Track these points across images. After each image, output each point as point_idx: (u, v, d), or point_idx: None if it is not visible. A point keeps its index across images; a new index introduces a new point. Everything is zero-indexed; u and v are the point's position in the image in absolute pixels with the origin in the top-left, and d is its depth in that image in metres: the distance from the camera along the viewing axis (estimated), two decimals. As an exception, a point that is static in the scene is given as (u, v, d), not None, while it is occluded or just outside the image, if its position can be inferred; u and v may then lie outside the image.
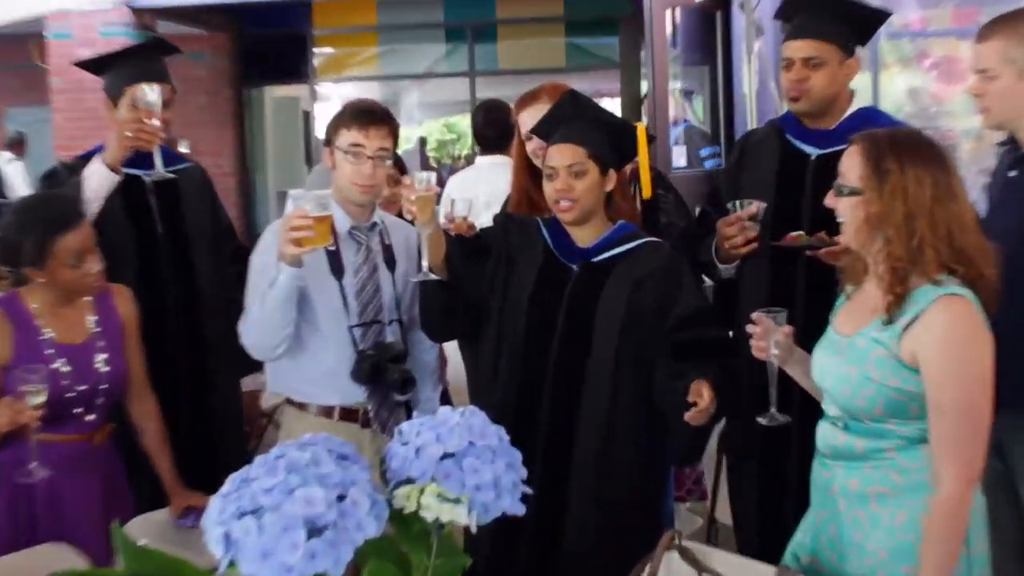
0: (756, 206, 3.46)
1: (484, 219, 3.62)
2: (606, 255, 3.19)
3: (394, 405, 3.44)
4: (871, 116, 3.53)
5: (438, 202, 3.17)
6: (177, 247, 4.01)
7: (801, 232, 3.39)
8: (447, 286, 3.18)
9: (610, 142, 3.21)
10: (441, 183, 4.65)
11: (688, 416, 2.85)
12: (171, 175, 3.85)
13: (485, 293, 3.22)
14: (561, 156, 3.16)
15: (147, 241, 3.95)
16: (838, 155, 3.26)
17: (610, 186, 3.21)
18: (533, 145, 3.67)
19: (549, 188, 3.18)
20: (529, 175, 3.74)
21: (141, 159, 3.79)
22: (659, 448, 3.16)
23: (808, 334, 2.81)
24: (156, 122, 3.68)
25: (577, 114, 3.24)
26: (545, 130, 3.30)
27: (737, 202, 3.49)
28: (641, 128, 3.30)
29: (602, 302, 3.13)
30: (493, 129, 5.45)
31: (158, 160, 3.73)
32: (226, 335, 3.52)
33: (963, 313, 2.44)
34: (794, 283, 3.48)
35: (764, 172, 3.62)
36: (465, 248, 3.23)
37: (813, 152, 3.54)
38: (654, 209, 3.64)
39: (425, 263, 3.09)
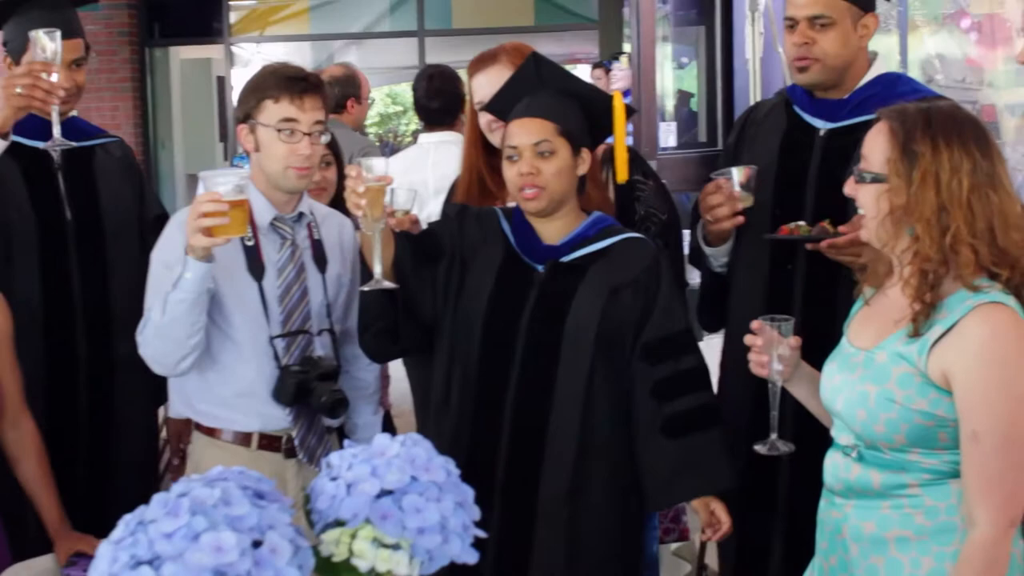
0: (746, 171, 3.41)
1: (432, 209, 3.63)
2: (578, 254, 3.20)
3: (324, 431, 3.44)
4: (892, 82, 3.50)
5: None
6: (88, 239, 3.98)
7: (800, 223, 3.37)
8: (394, 296, 3.18)
9: (583, 116, 3.23)
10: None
11: (704, 537, 2.98)
12: (74, 144, 3.75)
13: (438, 302, 3.23)
14: (525, 133, 3.16)
15: (52, 230, 3.92)
16: (851, 129, 3.31)
17: (583, 169, 3.22)
18: (488, 117, 3.67)
19: (511, 172, 3.17)
20: (483, 154, 3.73)
21: (48, 128, 3.76)
22: (636, 482, 3.19)
23: (806, 344, 2.83)
24: (55, 76, 3.60)
25: (542, 83, 3.24)
26: (502, 104, 3.30)
27: (732, 170, 3.44)
28: (618, 97, 3.30)
29: (573, 312, 3.14)
30: (439, 100, 5.46)
31: (56, 127, 3.66)
32: None
33: (1005, 325, 2.45)
34: (791, 283, 3.49)
35: (766, 150, 3.61)
36: (414, 248, 3.23)
37: (822, 126, 3.52)
38: (630, 198, 3.63)
39: (378, 268, 3.07)
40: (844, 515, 2.67)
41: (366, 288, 3.14)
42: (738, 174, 3.41)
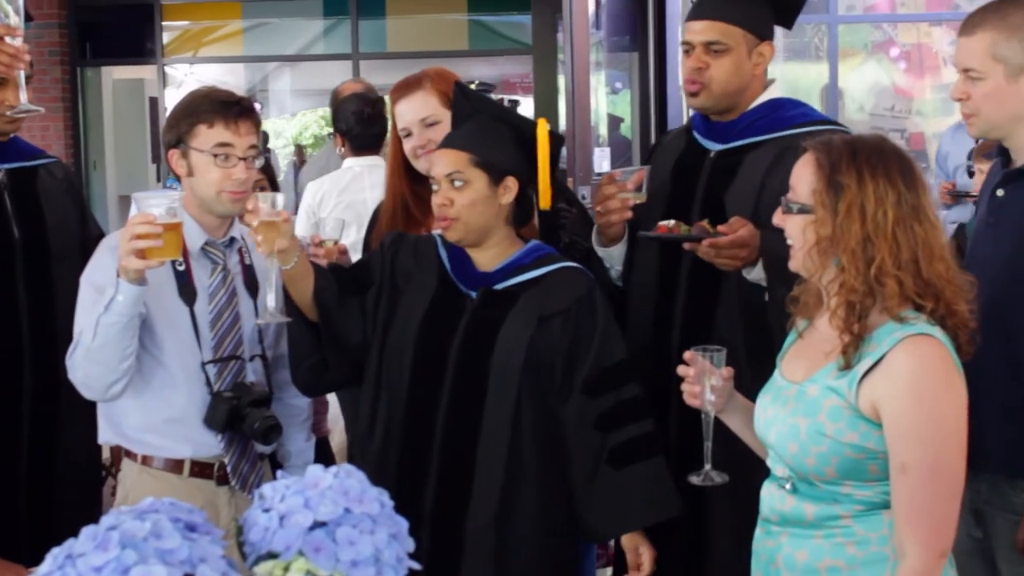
0: (639, 172, 3.46)
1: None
2: (511, 282, 3.21)
3: (256, 458, 3.42)
4: (780, 106, 3.57)
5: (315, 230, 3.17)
6: (34, 259, 3.93)
7: (677, 220, 3.36)
8: (317, 330, 3.19)
9: (514, 145, 3.24)
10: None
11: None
12: (38, 109, 3.61)
13: (368, 332, 3.23)
14: (441, 164, 3.19)
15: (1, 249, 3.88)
16: (738, 150, 3.42)
17: (508, 198, 3.22)
18: (412, 143, 3.68)
19: (433, 201, 3.21)
20: (407, 181, 3.75)
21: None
22: (567, 513, 3.20)
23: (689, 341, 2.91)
24: (19, 41, 3.42)
25: (464, 113, 3.27)
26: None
27: (632, 169, 3.50)
28: (543, 125, 3.32)
29: (500, 340, 3.15)
30: (377, 126, 5.55)
31: (23, 92, 3.50)
32: None
33: (932, 357, 2.47)
34: (676, 283, 3.52)
35: (663, 172, 3.64)
36: (341, 280, 3.23)
37: (713, 148, 3.58)
38: (554, 225, 3.63)
39: (271, 302, 3.08)
40: (778, 544, 2.67)
41: (259, 321, 3.20)
42: (630, 175, 3.45)
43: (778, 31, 3.65)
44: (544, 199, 3.36)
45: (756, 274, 3.26)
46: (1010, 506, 3.05)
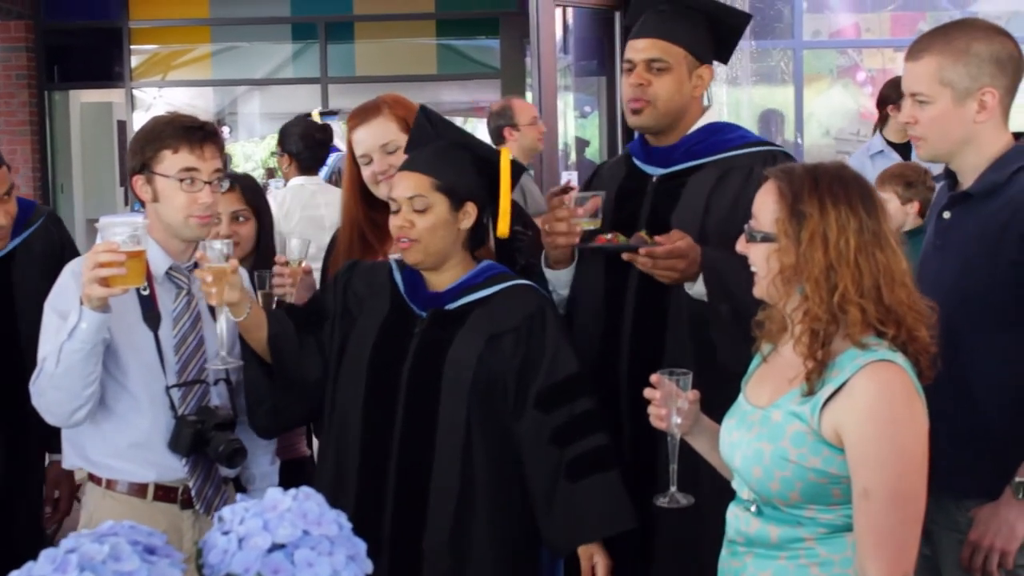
0: (594, 199, 3.42)
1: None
2: (461, 302, 3.24)
3: (221, 481, 3.42)
4: (719, 129, 3.60)
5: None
6: (3, 352, 3.96)
7: (615, 232, 3.37)
8: (272, 372, 3.23)
9: (475, 170, 3.27)
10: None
11: None
12: None
13: (327, 365, 3.26)
14: (403, 187, 3.21)
15: None
16: (679, 174, 3.45)
17: (467, 223, 3.26)
18: (373, 168, 3.70)
19: (392, 223, 3.23)
20: (363, 207, 3.78)
21: None
22: (525, 531, 3.23)
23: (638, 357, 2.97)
24: None
25: (424, 137, 3.30)
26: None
27: (574, 195, 3.46)
28: (506, 154, 3.35)
29: (449, 361, 3.18)
30: (324, 151, 5.87)
31: None
32: None
33: (893, 383, 2.49)
34: (623, 302, 3.52)
35: (606, 199, 3.61)
36: (297, 319, 3.26)
37: (655, 172, 3.59)
38: (510, 248, 3.66)
39: (222, 348, 3.10)
40: (743, 564, 2.69)
41: (210, 366, 3.23)
42: (585, 200, 3.42)
43: (746, 54, 3.70)
44: (503, 226, 3.39)
45: (698, 289, 3.28)
46: (955, 525, 3.10)
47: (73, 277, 3.26)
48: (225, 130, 15.08)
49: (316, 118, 7.08)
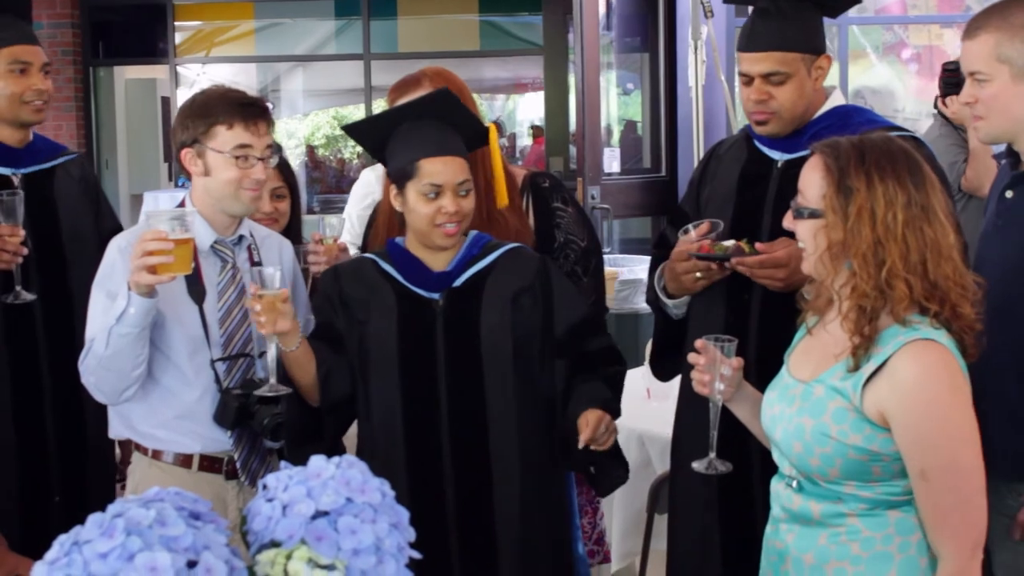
0: (707, 225, 3.35)
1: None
2: (470, 273, 3.25)
3: (265, 453, 3.43)
4: (847, 114, 3.49)
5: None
6: (49, 267, 3.96)
7: (713, 241, 3.32)
8: (313, 408, 3.28)
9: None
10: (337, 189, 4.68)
11: (581, 442, 3.02)
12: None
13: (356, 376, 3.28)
14: (452, 171, 3.18)
15: None
16: (807, 159, 3.35)
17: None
18: None
19: (430, 208, 3.17)
20: None
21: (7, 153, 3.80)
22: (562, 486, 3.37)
23: (762, 375, 2.87)
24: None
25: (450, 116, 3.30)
26: None
27: (690, 226, 3.39)
28: (493, 130, 3.40)
29: (484, 330, 3.20)
30: None
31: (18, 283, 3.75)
32: None
33: (936, 363, 2.47)
34: (747, 314, 3.45)
35: (726, 183, 3.59)
36: (328, 339, 3.27)
37: (780, 157, 3.49)
38: (550, 225, 3.66)
39: (273, 377, 3.12)
40: (786, 545, 2.69)
41: (259, 392, 3.20)
42: (700, 227, 3.35)
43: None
44: (501, 197, 3.47)
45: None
46: (1007, 509, 3.05)
47: (119, 253, 3.29)
48: (268, 106, 15.12)
49: None
